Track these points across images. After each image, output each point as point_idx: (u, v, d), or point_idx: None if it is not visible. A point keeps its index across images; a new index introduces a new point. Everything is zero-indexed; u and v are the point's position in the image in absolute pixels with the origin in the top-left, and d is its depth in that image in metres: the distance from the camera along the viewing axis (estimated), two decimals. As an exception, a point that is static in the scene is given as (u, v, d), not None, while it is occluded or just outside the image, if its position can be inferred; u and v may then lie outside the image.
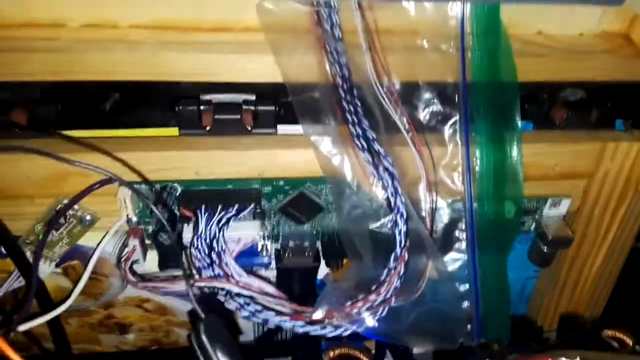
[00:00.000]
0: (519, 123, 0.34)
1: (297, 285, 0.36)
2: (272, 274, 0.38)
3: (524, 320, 0.45)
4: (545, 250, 0.38)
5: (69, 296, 0.31)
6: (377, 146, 0.29)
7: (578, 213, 0.40)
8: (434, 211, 0.33)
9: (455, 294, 0.32)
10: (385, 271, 0.28)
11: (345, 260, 0.36)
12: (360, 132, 0.29)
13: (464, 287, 0.33)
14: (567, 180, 0.37)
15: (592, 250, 0.42)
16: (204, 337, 0.23)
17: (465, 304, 0.33)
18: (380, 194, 0.30)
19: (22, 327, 0.27)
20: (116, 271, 0.36)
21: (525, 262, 0.41)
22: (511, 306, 0.37)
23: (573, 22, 0.36)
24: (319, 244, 0.36)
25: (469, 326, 0.34)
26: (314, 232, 0.35)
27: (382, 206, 0.30)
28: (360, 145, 0.29)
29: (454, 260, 0.34)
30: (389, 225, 0.29)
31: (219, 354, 0.22)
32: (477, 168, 0.34)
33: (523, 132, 0.34)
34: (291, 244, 0.35)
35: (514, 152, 0.34)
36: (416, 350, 0.33)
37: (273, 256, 0.35)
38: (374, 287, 0.28)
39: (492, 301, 0.34)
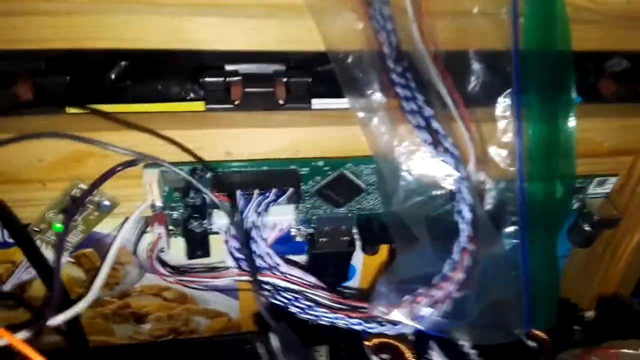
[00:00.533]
0: (574, 95, 0.31)
1: (330, 271, 0.34)
2: (300, 258, 0.35)
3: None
4: (589, 231, 0.36)
5: (87, 290, 0.29)
6: (436, 124, 0.26)
7: (621, 190, 0.38)
8: (483, 192, 0.30)
9: (509, 282, 0.30)
10: (448, 264, 0.26)
11: (383, 246, 0.33)
12: (415, 108, 0.26)
13: (515, 274, 0.31)
14: (614, 157, 0.35)
15: (630, 228, 0.40)
16: (277, 349, 0.20)
17: (518, 291, 0.31)
18: (440, 177, 0.27)
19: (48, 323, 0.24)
20: (133, 259, 0.33)
21: (559, 241, 0.39)
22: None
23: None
24: (354, 228, 0.33)
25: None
26: (350, 216, 0.32)
27: (443, 191, 0.27)
28: (416, 123, 0.26)
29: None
30: (450, 211, 0.27)
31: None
32: (528, 144, 0.31)
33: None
34: (326, 228, 0.32)
35: (569, 127, 0.31)
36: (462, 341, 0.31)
37: (305, 241, 0.33)
38: (436, 281, 0.26)
39: (542, 287, 0.32)
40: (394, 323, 0.27)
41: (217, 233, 0.29)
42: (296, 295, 0.27)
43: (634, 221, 0.40)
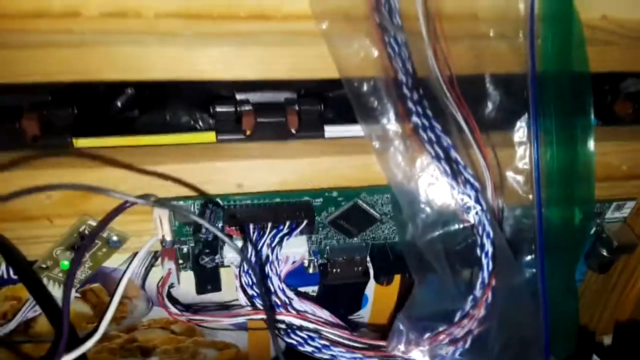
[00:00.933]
0: (592, 119, 0.30)
1: (343, 302, 0.33)
2: (313, 289, 0.34)
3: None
4: (607, 257, 0.35)
5: (94, 325, 0.28)
6: (454, 154, 0.25)
7: (638, 214, 0.37)
8: (501, 220, 0.30)
9: (528, 312, 0.29)
10: (470, 300, 0.25)
11: (397, 276, 0.32)
12: (433, 137, 0.25)
13: (534, 303, 0.30)
14: (632, 180, 0.34)
15: (647, 253, 0.39)
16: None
17: (537, 321, 0.30)
18: (461, 210, 0.26)
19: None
20: (141, 293, 0.32)
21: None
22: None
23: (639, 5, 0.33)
24: (368, 258, 0.32)
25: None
26: (363, 245, 0.32)
27: (464, 224, 0.26)
28: (434, 154, 0.25)
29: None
30: (470, 243, 0.26)
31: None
32: (546, 170, 0.30)
33: (590, 129, 0.31)
34: (339, 258, 0.31)
35: (587, 150, 0.30)
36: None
37: (318, 272, 0.32)
38: (457, 318, 0.25)
39: (561, 315, 0.31)
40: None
41: (228, 266, 0.29)
42: (311, 334, 0.26)
43: (651, 245, 0.39)
